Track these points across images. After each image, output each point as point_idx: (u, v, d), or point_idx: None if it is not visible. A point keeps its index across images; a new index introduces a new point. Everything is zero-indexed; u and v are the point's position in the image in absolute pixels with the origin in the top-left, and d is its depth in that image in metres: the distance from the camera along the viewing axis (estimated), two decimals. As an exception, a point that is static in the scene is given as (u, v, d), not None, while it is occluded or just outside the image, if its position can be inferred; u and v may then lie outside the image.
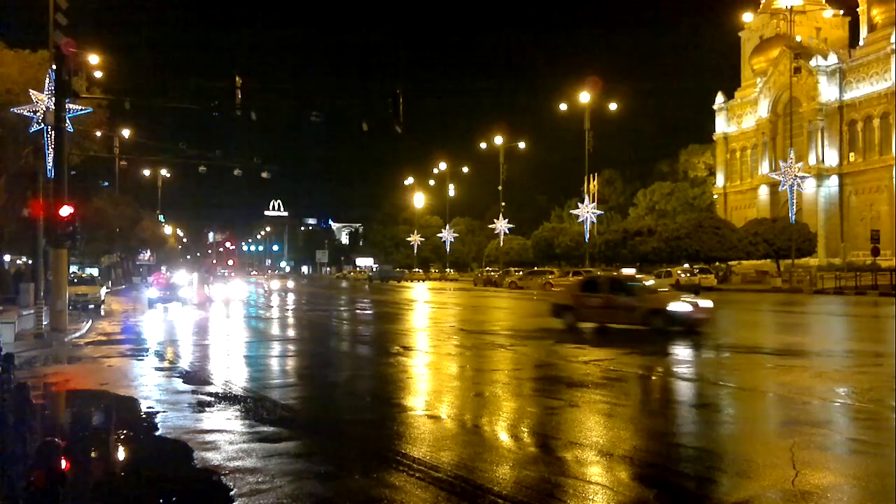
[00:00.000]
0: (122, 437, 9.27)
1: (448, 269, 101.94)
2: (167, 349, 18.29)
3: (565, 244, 77.04)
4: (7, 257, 50.50)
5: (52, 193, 22.31)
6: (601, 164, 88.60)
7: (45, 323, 20.51)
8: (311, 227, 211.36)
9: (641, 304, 19.35)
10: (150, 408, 10.33)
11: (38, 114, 24.34)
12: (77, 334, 20.90)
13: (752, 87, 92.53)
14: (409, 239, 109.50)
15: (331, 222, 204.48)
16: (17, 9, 31.82)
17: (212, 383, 12.80)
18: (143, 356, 16.67)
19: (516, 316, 29.59)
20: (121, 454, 8.56)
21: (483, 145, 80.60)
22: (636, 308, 19.35)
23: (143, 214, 71.65)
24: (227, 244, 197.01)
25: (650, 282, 23.01)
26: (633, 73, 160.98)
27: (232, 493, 6.40)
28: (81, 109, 24.75)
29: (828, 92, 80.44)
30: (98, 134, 36.90)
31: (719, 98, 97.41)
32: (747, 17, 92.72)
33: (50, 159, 22.89)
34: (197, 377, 13.46)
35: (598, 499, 6.21)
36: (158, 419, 9.54)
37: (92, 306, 32.07)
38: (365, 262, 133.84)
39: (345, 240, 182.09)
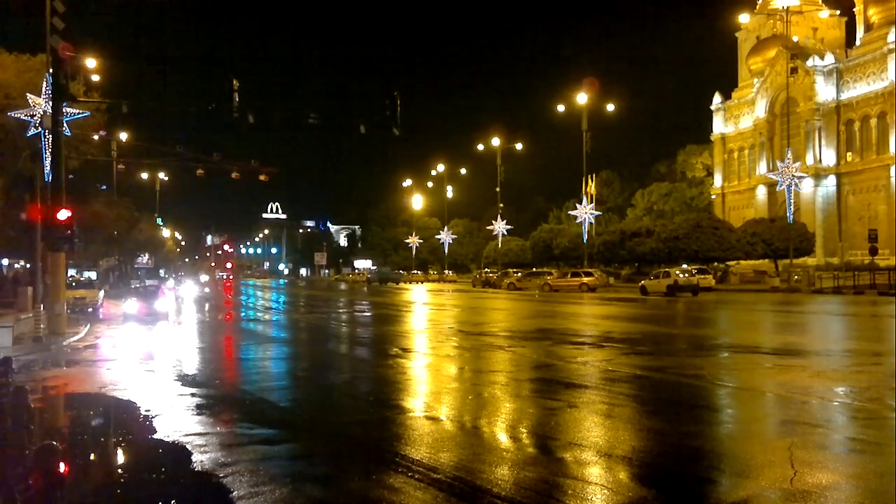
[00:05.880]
0: (121, 440, 9.25)
1: (446, 271, 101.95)
2: (166, 352, 18.26)
3: (564, 245, 77.08)
4: (5, 261, 50.47)
5: (49, 197, 22.27)
6: (599, 165, 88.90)
7: (43, 326, 20.47)
8: (309, 230, 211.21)
9: None
10: (148, 410, 10.31)
11: (35, 118, 24.31)
12: (75, 338, 20.85)
13: (749, 87, 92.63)
14: (407, 241, 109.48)
15: (329, 224, 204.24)
16: (16, 13, 31.81)
17: (210, 386, 12.80)
18: (141, 359, 16.65)
19: (515, 317, 29.59)
20: (119, 457, 8.54)
21: (481, 147, 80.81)
22: None
23: (141, 217, 71.56)
24: (226, 247, 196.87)
25: None
26: (630, 74, 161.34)
27: (231, 494, 6.39)
28: (78, 113, 24.74)
29: (825, 92, 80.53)
30: (96, 137, 36.86)
31: (716, 98, 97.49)
32: (744, 17, 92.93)
33: (47, 163, 22.85)
34: (195, 380, 13.46)
35: (597, 499, 6.21)
36: (157, 422, 9.52)
37: (90, 310, 32.02)
38: (363, 264, 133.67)
39: (343, 242, 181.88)
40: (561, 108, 65.43)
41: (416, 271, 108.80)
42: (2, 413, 7.61)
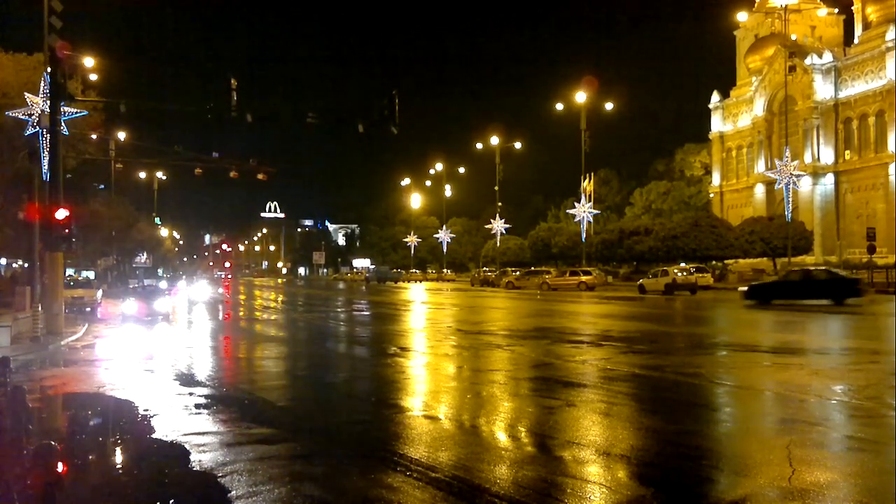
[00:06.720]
0: (119, 439, 9.24)
1: (445, 270, 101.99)
2: (164, 352, 18.24)
3: (562, 244, 77.09)
4: (3, 260, 50.43)
5: (47, 196, 22.23)
6: (597, 163, 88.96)
7: (41, 326, 20.44)
8: (307, 229, 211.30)
9: None
10: (146, 410, 10.30)
11: (33, 117, 24.31)
12: (73, 337, 20.83)
13: (747, 85, 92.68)
14: (405, 240, 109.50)
15: (327, 223, 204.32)
16: (13, 12, 31.79)
17: (208, 385, 12.78)
18: (139, 359, 16.62)
19: (513, 316, 29.60)
20: (117, 457, 8.53)
21: (479, 146, 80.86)
22: None
23: (140, 217, 71.51)
24: (224, 246, 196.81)
25: None
26: (629, 73, 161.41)
27: (230, 494, 6.39)
28: (76, 112, 24.75)
29: (823, 90, 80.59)
30: (94, 136, 36.88)
31: (715, 97, 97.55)
32: (742, 16, 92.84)
33: (45, 162, 22.83)
34: (194, 379, 13.43)
35: (596, 498, 6.21)
36: (155, 421, 9.51)
37: (88, 309, 31.99)
38: (362, 263, 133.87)
39: (341, 241, 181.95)
40: (560, 106, 65.50)
41: (414, 270, 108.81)
42: (0, 412, 7.60)
